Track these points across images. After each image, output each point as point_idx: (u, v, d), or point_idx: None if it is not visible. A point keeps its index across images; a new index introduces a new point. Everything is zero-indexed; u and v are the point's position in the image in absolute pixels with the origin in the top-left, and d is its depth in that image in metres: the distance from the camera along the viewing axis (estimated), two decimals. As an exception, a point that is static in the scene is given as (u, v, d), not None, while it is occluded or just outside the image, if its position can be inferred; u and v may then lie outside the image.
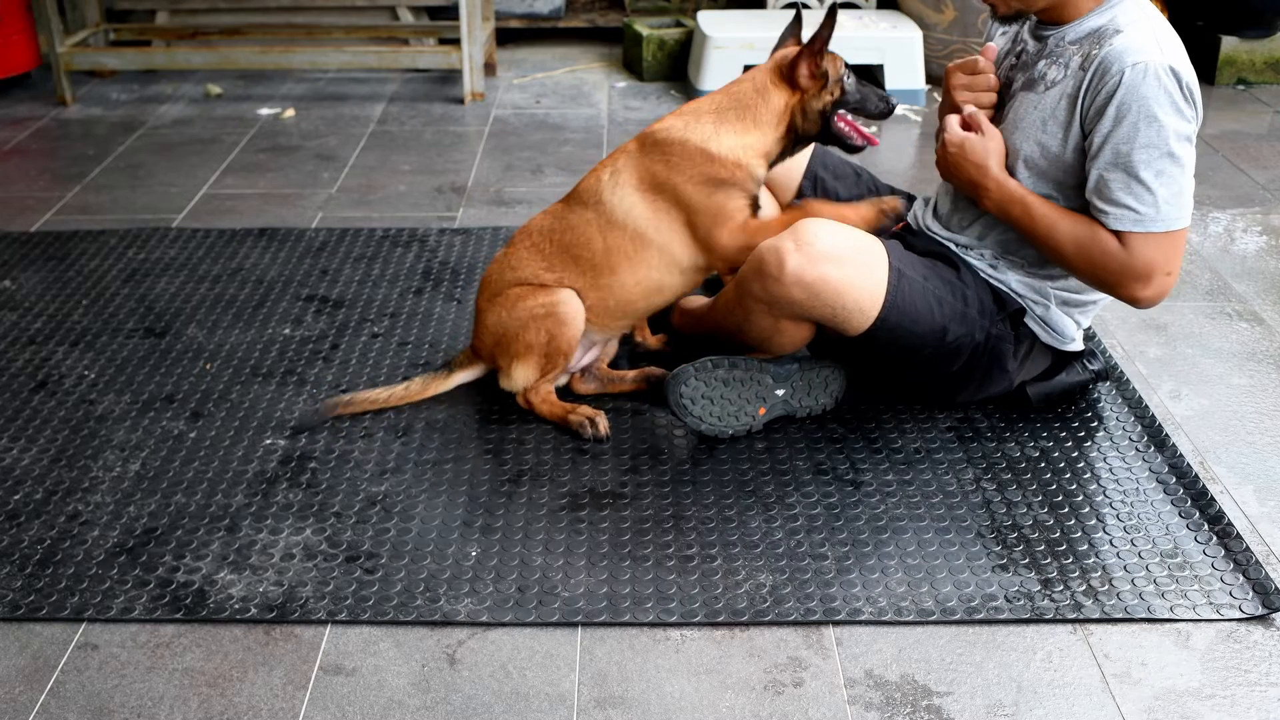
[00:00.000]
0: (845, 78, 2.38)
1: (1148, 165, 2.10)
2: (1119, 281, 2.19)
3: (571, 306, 2.39)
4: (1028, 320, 2.39)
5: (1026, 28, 2.33)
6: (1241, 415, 2.54)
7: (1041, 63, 2.24)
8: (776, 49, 2.45)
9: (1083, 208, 2.21)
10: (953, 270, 2.35)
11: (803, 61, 2.34)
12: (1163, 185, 2.11)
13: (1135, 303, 2.21)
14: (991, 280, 2.36)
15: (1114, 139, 2.11)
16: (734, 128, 2.35)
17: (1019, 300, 2.36)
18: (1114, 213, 2.14)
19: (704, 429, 2.37)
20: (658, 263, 2.38)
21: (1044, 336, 2.41)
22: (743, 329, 2.37)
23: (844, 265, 2.20)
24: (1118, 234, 2.15)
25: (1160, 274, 2.16)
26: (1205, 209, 3.63)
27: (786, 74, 2.36)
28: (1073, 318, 2.41)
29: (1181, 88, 2.09)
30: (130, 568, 2.05)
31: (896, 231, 2.58)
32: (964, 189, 2.32)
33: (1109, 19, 2.17)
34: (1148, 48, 2.09)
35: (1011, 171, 2.27)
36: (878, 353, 2.34)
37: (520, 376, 2.45)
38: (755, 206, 2.38)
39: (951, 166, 2.31)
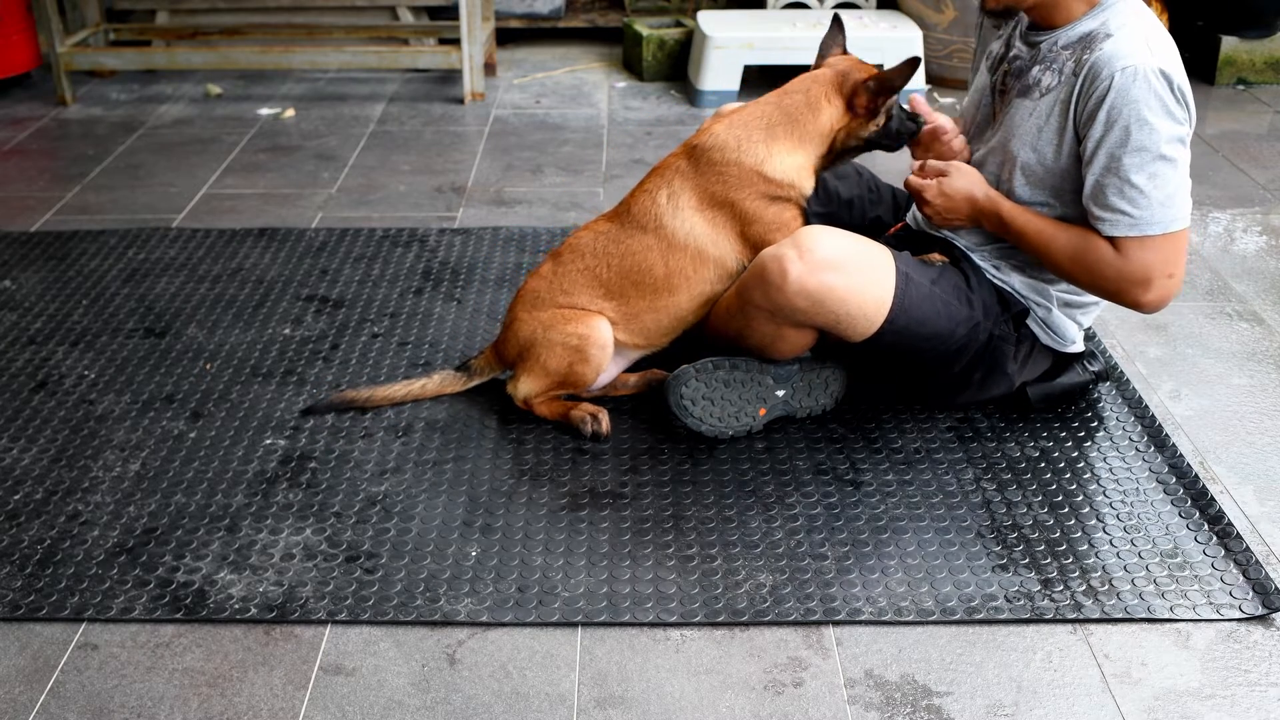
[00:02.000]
0: (893, 108, 2.36)
1: (1140, 169, 2.09)
2: (1119, 288, 2.18)
3: (599, 347, 2.38)
4: (1030, 322, 2.39)
5: (1018, 33, 2.32)
6: (1241, 415, 2.54)
7: (1035, 69, 2.23)
8: (821, 56, 2.43)
9: (1081, 215, 2.21)
10: (961, 275, 2.34)
11: (865, 94, 2.30)
12: (1156, 188, 2.10)
13: (1139, 307, 2.21)
14: (996, 281, 2.36)
15: (1106, 144, 2.11)
16: (784, 145, 2.33)
17: (1023, 301, 2.36)
18: (1109, 218, 2.14)
19: (704, 430, 2.37)
20: (713, 275, 2.38)
21: (1045, 339, 2.41)
22: (744, 335, 2.36)
23: (847, 273, 2.19)
24: (1113, 240, 2.15)
25: (1160, 277, 2.16)
26: (1205, 209, 3.63)
27: (847, 94, 2.33)
28: (1074, 319, 2.41)
29: (1173, 90, 2.09)
30: (130, 568, 2.05)
31: (895, 231, 2.58)
32: (966, 225, 2.33)
33: (1100, 23, 2.16)
34: (1138, 51, 2.09)
35: (1009, 180, 2.27)
36: (881, 356, 2.33)
37: (526, 388, 2.46)
38: (805, 214, 2.39)
39: (945, 214, 2.31)
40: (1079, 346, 2.47)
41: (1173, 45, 2.16)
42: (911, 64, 2.25)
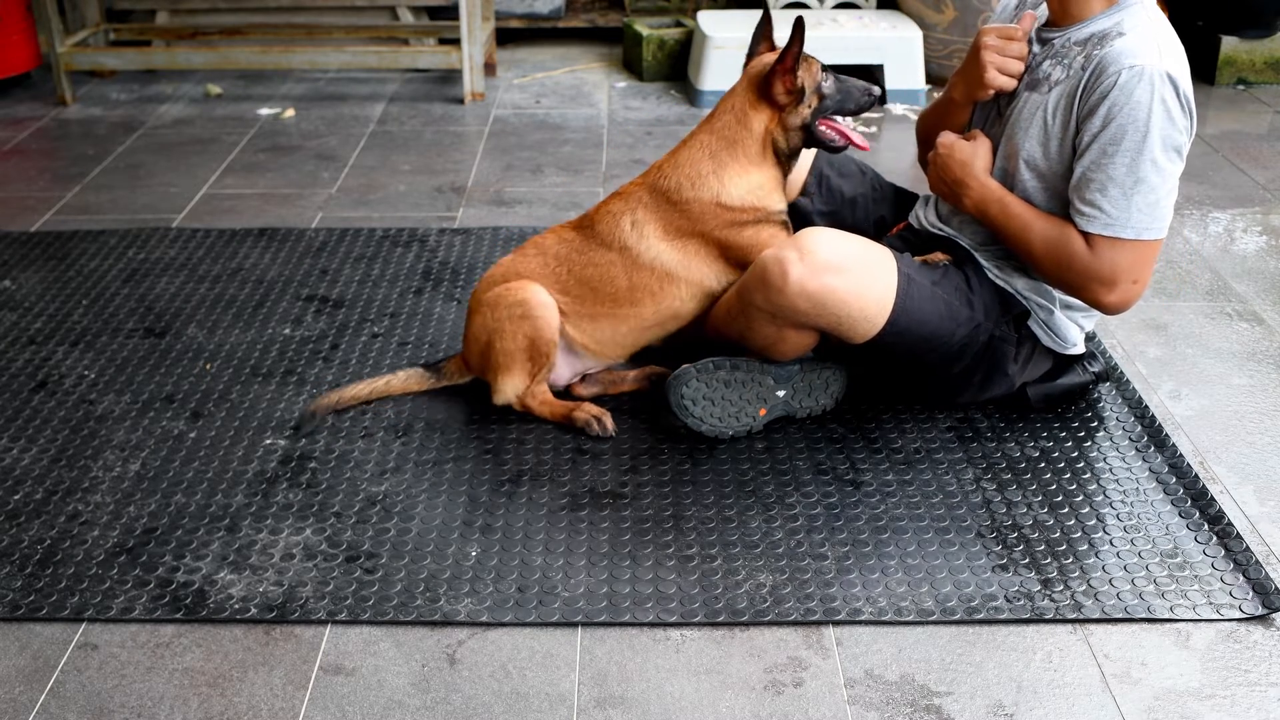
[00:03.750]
0: (823, 83, 2.36)
1: (1129, 170, 2.09)
2: (1083, 284, 2.19)
3: (543, 305, 2.37)
4: (1031, 324, 2.39)
5: (1034, 29, 2.32)
6: (1241, 415, 2.54)
7: (1047, 63, 2.23)
8: (750, 57, 2.43)
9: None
10: (962, 276, 2.34)
11: (776, 80, 2.31)
12: (1139, 192, 2.10)
13: (1100, 307, 2.22)
14: (998, 282, 2.36)
15: (1101, 139, 2.11)
16: (733, 170, 2.33)
17: (1024, 303, 2.36)
18: (1087, 212, 2.14)
19: (705, 430, 2.37)
20: (685, 294, 2.39)
21: (1046, 340, 2.41)
22: (745, 337, 2.36)
23: (848, 274, 2.18)
24: (1087, 236, 2.16)
25: (1126, 281, 2.16)
26: (1205, 209, 3.63)
27: (763, 92, 2.34)
28: (1076, 322, 2.41)
29: (1178, 95, 2.08)
30: (130, 568, 2.05)
31: (898, 230, 2.57)
32: (949, 190, 2.33)
33: (1115, 22, 2.16)
34: (1148, 52, 2.09)
35: (1014, 172, 2.27)
36: (883, 356, 2.33)
37: (509, 387, 2.44)
38: (788, 225, 2.38)
39: (940, 167, 2.32)
40: (1080, 348, 2.47)
41: (1183, 53, 2.16)
42: (797, 25, 2.24)
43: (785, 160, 2.40)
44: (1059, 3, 2.23)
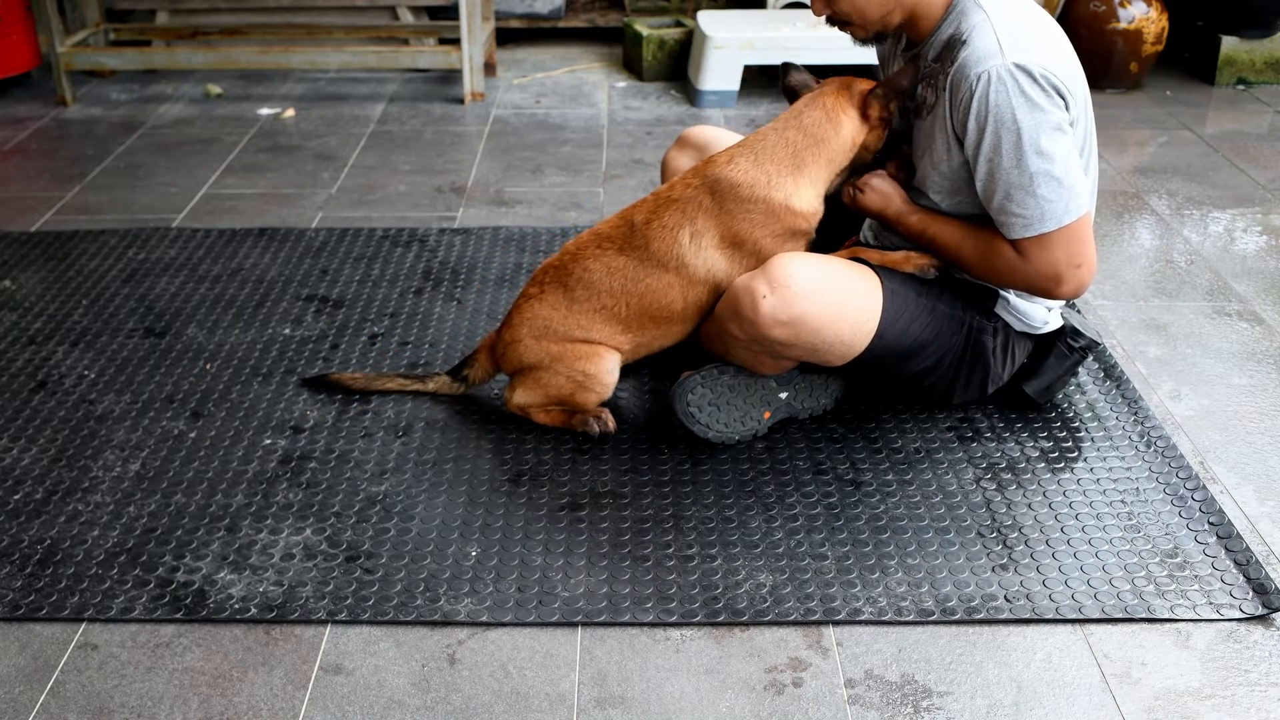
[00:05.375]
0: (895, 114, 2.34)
1: (1020, 171, 2.09)
2: (1031, 286, 2.20)
3: (604, 384, 2.37)
4: (998, 310, 2.37)
5: (898, 53, 2.32)
6: (1241, 415, 2.54)
7: (919, 86, 2.25)
8: (799, 90, 2.39)
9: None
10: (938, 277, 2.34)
11: (876, 103, 2.25)
12: (1040, 184, 2.09)
13: (1056, 299, 2.24)
14: (959, 275, 2.36)
15: (983, 151, 2.11)
16: (812, 174, 2.26)
17: (986, 288, 2.36)
18: (1004, 222, 2.15)
19: (711, 436, 2.36)
20: (716, 300, 2.35)
21: (1016, 324, 2.38)
22: (727, 357, 2.36)
23: (822, 303, 2.16)
24: (1015, 243, 2.15)
25: (1068, 269, 2.15)
26: (1205, 209, 3.63)
27: (858, 105, 2.27)
28: (1036, 302, 2.38)
29: (1035, 80, 2.06)
30: (130, 568, 2.05)
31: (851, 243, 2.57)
32: (879, 222, 2.37)
33: (956, 27, 2.16)
34: (991, 53, 2.08)
35: (925, 192, 2.29)
36: (870, 371, 2.34)
37: (522, 399, 2.44)
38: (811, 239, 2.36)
39: (860, 208, 2.34)
40: (1052, 324, 2.43)
41: (1039, 27, 2.14)
42: (914, 61, 2.24)
43: (845, 178, 2.34)
44: (909, 26, 2.24)
